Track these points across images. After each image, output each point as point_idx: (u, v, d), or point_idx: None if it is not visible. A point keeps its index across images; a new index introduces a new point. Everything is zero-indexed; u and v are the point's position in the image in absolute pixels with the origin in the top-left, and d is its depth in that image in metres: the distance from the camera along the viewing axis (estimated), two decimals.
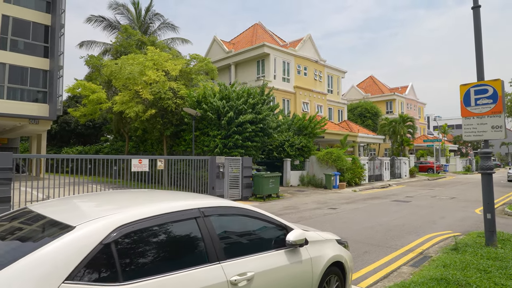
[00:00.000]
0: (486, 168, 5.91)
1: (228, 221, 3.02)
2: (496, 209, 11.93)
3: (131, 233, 2.22)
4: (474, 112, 6.08)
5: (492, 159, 25.73)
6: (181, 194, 3.48)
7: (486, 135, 5.95)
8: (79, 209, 2.74)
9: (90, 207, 2.75)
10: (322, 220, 9.66)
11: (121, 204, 2.77)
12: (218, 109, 16.06)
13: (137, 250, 2.23)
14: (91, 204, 2.89)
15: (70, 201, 3.01)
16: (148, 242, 2.30)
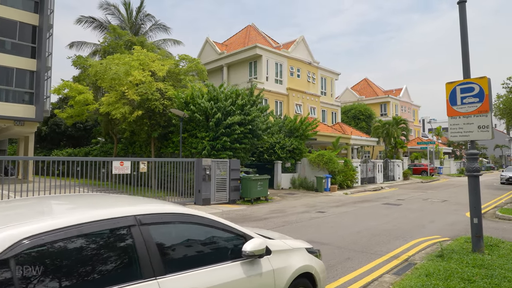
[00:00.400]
0: (472, 170, 5.62)
1: (173, 230, 2.67)
2: (487, 212, 11.68)
3: (39, 247, 1.88)
4: (460, 111, 5.80)
5: (486, 161, 25.53)
6: (125, 198, 3.13)
7: (472, 135, 5.67)
8: None
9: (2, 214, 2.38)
10: (308, 224, 9.33)
11: (42, 210, 2.42)
12: (206, 110, 15.72)
13: (46, 267, 1.88)
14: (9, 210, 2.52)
15: None
16: (62, 257, 1.96)
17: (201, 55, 34.59)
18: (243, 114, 16.26)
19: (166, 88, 16.85)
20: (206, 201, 13.24)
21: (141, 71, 15.56)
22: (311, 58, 33.43)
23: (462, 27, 5.91)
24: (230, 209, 12.46)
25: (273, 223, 9.41)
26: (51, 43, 24.42)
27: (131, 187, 17.27)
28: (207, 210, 11.88)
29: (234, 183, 14.39)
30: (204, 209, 12.17)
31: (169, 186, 15.04)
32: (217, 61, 32.11)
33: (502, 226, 9.21)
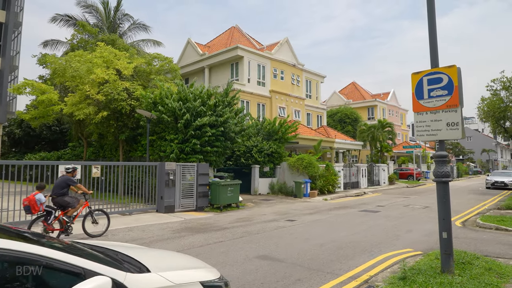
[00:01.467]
0: (441, 175, 4.76)
1: None
2: (469, 220, 10.91)
3: None
4: (427, 106, 4.95)
5: (473, 165, 24.90)
6: None
7: (440, 134, 4.82)
8: None
9: None
10: (270, 235, 8.39)
11: None
12: (174, 111, 14.74)
13: None
14: None
15: None
16: None
17: (182, 56, 33.65)
18: (215, 115, 15.33)
19: (134, 88, 15.86)
20: (169, 208, 12.21)
21: (105, 69, 14.53)
22: (295, 60, 32.72)
23: (429, 11, 5.08)
24: (193, 217, 11.45)
25: (231, 234, 8.45)
26: (19, 42, 23.22)
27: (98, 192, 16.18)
28: (167, 218, 10.86)
29: (202, 188, 13.40)
30: (165, 217, 11.15)
31: (135, 191, 14.06)
32: (198, 63, 31.19)
33: (481, 236, 8.39)
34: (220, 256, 6.39)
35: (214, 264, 5.79)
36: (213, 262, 5.98)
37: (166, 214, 11.79)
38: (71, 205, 7.87)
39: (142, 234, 8.42)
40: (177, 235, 8.31)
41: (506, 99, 20.82)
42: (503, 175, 26.57)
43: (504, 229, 9.06)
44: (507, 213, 11.79)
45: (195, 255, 6.38)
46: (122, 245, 3.38)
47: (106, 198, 13.97)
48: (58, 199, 7.76)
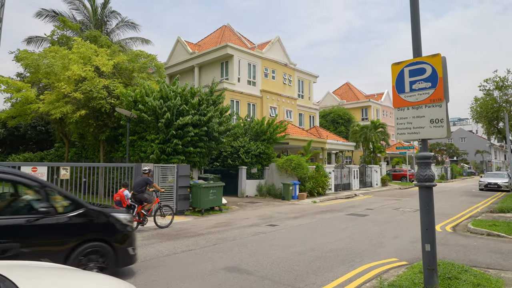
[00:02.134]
0: (424, 179, 4.19)
1: None
2: (460, 225, 10.39)
3: None
4: (408, 100, 4.37)
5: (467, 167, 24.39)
6: None
7: (423, 132, 4.25)
8: None
9: None
10: (246, 242, 7.77)
11: None
12: (155, 110, 14.09)
13: None
14: None
15: None
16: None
17: (172, 55, 32.99)
18: (199, 114, 14.71)
19: (114, 86, 15.18)
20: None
21: (82, 65, 13.85)
22: (287, 60, 32.19)
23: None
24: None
25: (205, 241, 7.82)
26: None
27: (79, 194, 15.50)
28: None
29: (182, 191, 12.76)
30: None
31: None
32: (188, 61, 30.55)
33: (472, 243, 7.84)
34: (184, 268, 5.77)
35: (175, 278, 5.18)
36: (174, 275, 5.36)
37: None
38: (148, 201, 9.43)
39: None
40: (145, 243, 7.67)
41: (499, 99, 20.42)
42: (497, 176, 26.20)
43: (496, 234, 8.54)
44: (499, 217, 11.29)
45: (157, 266, 5.76)
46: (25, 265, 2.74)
47: None
48: (138, 196, 9.30)
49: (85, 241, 4.84)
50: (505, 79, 20.22)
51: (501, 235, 8.43)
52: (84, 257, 4.77)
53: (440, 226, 10.23)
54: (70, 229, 4.80)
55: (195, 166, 15.64)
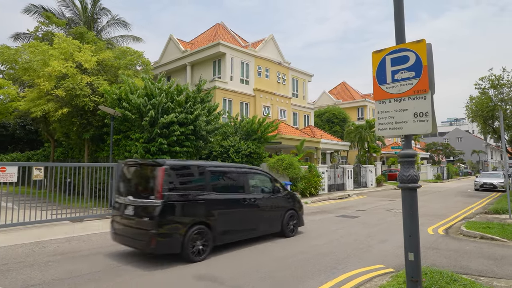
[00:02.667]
0: (407, 180, 3.74)
1: None
2: (453, 227, 9.98)
3: None
4: (390, 92, 3.93)
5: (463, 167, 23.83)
6: None
7: (406, 127, 3.80)
8: None
9: None
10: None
11: None
12: (139, 108, 13.60)
13: None
14: None
15: None
16: None
17: (164, 53, 32.47)
18: (185, 112, 14.23)
19: (98, 83, 14.68)
20: None
21: (63, 61, 13.33)
22: (281, 58, 31.75)
23: None
24: None
25: None
26: None
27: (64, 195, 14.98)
28: None
29: None
30: None
31: (101, 194, 12.93)
32: (180, 60, 30.02)
33: (464, 247, 7.41)
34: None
35: (136, 284, 4.70)
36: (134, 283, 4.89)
37: None
38: None
39: (79, 246, 7.29)
40: (118, 246, 7.19)
41: (495, 97, 20.06)
42: (492, 176, 25.90)
43: (489, 237, 8.12)
44: (494, 218, 10.90)
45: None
46: None
47: (66, 202, 12.81)
48: None
49: (289, 209, 8.75)
50: (500, 77, 19.88)
51: (495, 238, 8.02)
52: (289, 217, 8.65)
53: (432, 228, 9.81)
54: (284, 201, 8.76)
55: None
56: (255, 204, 7.71)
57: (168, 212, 6.04)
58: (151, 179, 6.35)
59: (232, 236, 7.07)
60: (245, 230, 7.45)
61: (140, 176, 6.83)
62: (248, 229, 7.53)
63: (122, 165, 7.29)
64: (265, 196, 8.17)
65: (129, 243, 6.38)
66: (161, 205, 5.95)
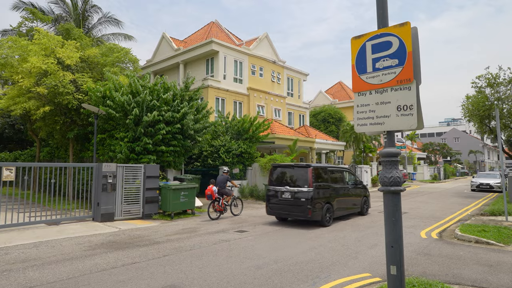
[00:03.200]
0: (389, 183, 3.27)
1: None
2: (447, 230, 9.54)
3: None
4: (371, 82, 3.46)
5: (460, 167, 23.22)
6: None
7: (389, 122, 3.34)
8: None
9: None
10: (201, 253, 6.83)
11: None
12: (123, 106, 13.11)
13: None
14: None
15: None
16: None
17: (157, 52, 31.98)
18: (172, 110, 13.75)
19: (83, 80, 14.17)
20: (107, 216, 10.56)
21: (44, 57, 12.81)
22: (275, 57, 31.30)
23: None
24: (132, 227, 9.84)
25: (156, 252, 6.86)
26: None
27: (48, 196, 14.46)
28: (98, 229, 9.22)
29: (150, 193, 11.78)
30: (97, 227, 9.51)
31: (85, 195, 12.44)
32: (173, 58, 29.54)
33: (458, 252, 6.96)
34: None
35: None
36: None
37: (101, 224, 10.15)
38: (228, 194, 12.19)
39: (46, 252, 6.78)
40: (88, 253, 6.70)
41: (492, 96, 19.67)
42: (489, 176, 25.53)
43: (485, 242, 7.68)
44: (490, 221, 10.47)
45: (82, 285, 4.80)
46: None
47: (46, 203, 12.30)
48: (222, 190, 12.01)
49: (364, 196, 12.49)
50: (497, 76, 19.49)
51: (490, 243, 7.58)
52: (364, 202, 12.42)
53: (426, 231, 9.37)
54: (361, 190, 12.37)
55: (169, 166, 14.69)
56: (349, 192, 11.85)
57: (315, 195, 9.92)
58: (304, 175, 10.17)
59: (340, 212, 11.15)
60: (346, 208, 11.55)
61: (295, 173, 10.50)
62: (347, 208, 11.62)
63: (272, 166, 11.25)
64: (352, 186, 12.20)
65: (286, 216, 10.54)
66: (312, 191, 9.86)
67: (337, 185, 11.15)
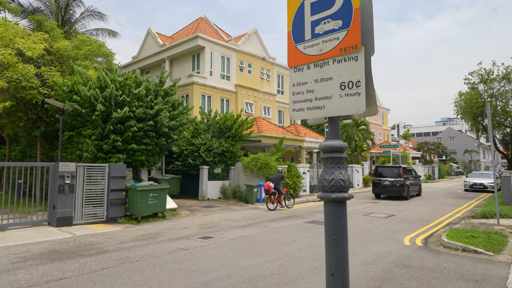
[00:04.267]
0: (329, 188, 2.40)
1: None
2: (434, 235, 8.72)
3: None
4: (309, 53, 2.60)
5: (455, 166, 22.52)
6: None
7: (330, 106, 2.47)
8: None
9: None
10: (151, 264, 5.95)
11: None
12: (90, 101, 12.19)
13: None
14: None
15: None
16: None
17: (142, 48, 31.04)
18: (145, 106, 12.84)
19: (50, 74, 13.23)
20: (64, 220, 9.65)
21: (1, 48, 11.85)
22: (265, 53, 30.44)
23: None
24: (89, 232, 8.93)
25: (98, 262, 5.97)
26: None
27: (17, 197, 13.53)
28: (48, 234, 8.30)
29: (115, 195, 10.87)
30: (48, 232, 8.59)
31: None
32: (158, 54, 28.63)
33: (442, 264, 6.12)
34: None
35: None
36: None
37: (55, 229, 9.24)
38: (281, 190, 14.04)
39: None
40: (14, 266, 5.80)
41: (485, 93, 18.89)
42: (482, 176, 24.80)
43: (472, 250, 6.85)
44: (480, 224, 9.66)
45: None
46: None
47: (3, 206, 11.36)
48: (277, 186, 13.93)
49: (419, 185, 20.81)
50: (490, 71, 18.72)
51: (478, 251, 6.75)
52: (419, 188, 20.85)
53: (411, 237, 8.54)
54: (418, 181, 20.69)
55: (142, 165, 13.79)
56: (415, 181, 19.71)
57: (405, 182, 17.80)
58: (397, 171, 18.16)
59: (412, 193, 18.88)
60: (413, 190, 19.16)
61: (391, 170, 18.54)
62: (414, 190, 19.08)
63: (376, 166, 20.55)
64: (416, 178, 20.10)
65: (386, 194, 18.60)
66: (403, 180, 17.73)
67: (410, 177, 19.18)
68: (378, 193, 18.84)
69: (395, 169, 18.56)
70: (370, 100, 2.42)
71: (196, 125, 17.92)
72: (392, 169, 18.69)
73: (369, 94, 2.39)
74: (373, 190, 19.06)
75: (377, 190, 18.70)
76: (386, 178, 18.22)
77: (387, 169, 18.93)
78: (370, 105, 2.43)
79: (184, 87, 24.28)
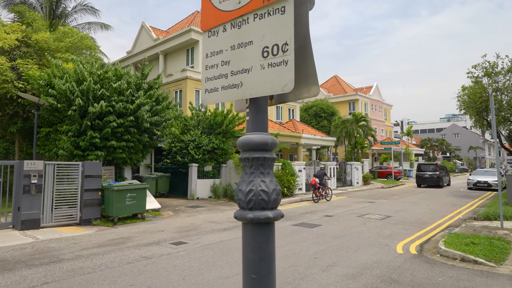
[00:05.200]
0: (246, 204, 1.64)
1: None
2: (430, 241, 7.92)
3: None
4: (225, 9, 1.82)
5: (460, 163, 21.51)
6: None
7: (248, 82, 1.71)
8: None
9: None
10: (102, 276, 5.23)
11: None
12: (66, 95, 11.47)
13: None
14: None
15: None
16: None
17: (136, 42, 30.32)
18: (125, 101, 12.11)
19: (26, 67, 12.55)
20: (31, 223, 8.95)
21: None
22: None
23: None
24: (56, 236, 8.23)
25: (41, 275, 5.26)
26: None
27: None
28: (4, 240, 7.60)
29: (90, 195, 10.15)
30: (7, 237, 7.89)
31: None
32: (152, 49, 27.89)
33: (436, 278, 5.32)
34: None
35: None
36: None
37: (19, 232, 8.55)
38: (325, 185, 16.24)
39: None
40: None
41: (489, 87, 17.94)
42: (487, 174, 23.85)
43: (472, 260, 6.06)
44: (483, 228, 8.84)
45: None
46: None
47: None
48: (321, 182, 15.95)
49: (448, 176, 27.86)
50: (495, 64, 17.77)
51: (479, 261, 5.96)
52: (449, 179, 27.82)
53: (404, 243, 7.74)
54: (446, 174, 27.08)
55: (125, 163, 13.08)
56: (445, 174, 26.24)
57: (440, 175, 24.63)
58: (434, 167, 25.35)
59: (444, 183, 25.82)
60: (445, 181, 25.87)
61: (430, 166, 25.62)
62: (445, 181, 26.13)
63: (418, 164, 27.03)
64: (446, 173, 26.37)
65: (427, 184, 25.18)
66: (439, 173, 24.69)
67: (443, 171, 24.89)
68: (420, 183, 25.43)
69: (432, 165, 25.37)
70: (308, 76, 1.65)
71: (186, 121, 17.18)
72: (430, 165, 25.48)
73: (305, 67, 1.62)
74: (416, 181, 25.69)
75: (420, 181, 25.29)
76: (426, 172, 24.94)
77: (427, 166, 25.65)
78: (309, 84, 1.67)
79: (177, 82, 23.57)
